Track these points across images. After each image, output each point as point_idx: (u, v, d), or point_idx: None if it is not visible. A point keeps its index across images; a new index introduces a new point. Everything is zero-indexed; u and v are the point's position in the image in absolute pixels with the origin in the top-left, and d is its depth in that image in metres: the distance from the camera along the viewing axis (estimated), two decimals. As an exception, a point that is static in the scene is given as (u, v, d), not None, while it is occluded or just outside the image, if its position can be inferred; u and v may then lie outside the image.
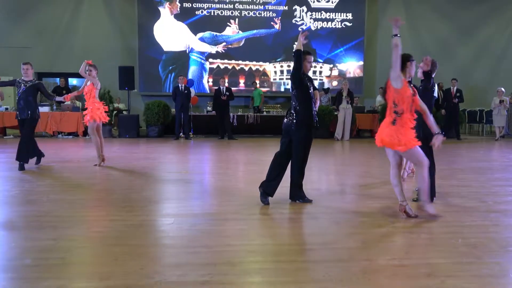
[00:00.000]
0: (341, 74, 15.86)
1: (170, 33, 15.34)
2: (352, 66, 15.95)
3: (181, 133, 12.54)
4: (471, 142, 12.31)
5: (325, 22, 15.76)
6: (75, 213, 4.43)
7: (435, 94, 5.14)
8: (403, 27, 16.70)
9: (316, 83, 15.67)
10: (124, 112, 13.91)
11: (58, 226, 3.93)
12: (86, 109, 7.36)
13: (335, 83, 15.78)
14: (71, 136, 12.38)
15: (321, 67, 15.87)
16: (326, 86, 15.03)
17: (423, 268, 3.07)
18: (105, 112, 7.47)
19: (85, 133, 12.68)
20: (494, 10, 16.29)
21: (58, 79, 13.59)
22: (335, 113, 12.82)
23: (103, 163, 7.34)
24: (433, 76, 5.06)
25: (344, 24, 15.78)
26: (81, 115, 12.54)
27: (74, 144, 11.00)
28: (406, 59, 4.24)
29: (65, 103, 12.66)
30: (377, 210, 4.63)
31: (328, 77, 15.87)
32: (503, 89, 13.40)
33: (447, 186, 5.57)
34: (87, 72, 7.32)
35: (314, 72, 15.81)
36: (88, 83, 7.35)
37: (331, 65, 15.89)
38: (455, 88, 12.98)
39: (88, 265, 3.17)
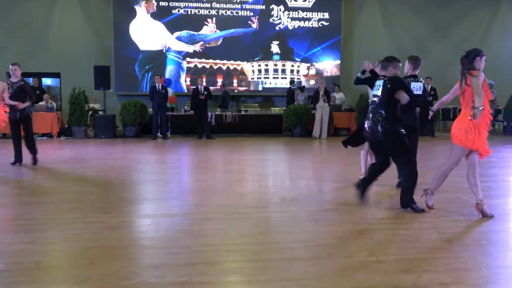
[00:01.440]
0: (318, 73, 15.97)
1: (147, 32, 15.16)
2: (329, 65, 16.08)
3: (158, 133, 12.43)
4: (445, 139, 12.56)
5: (302, 22, 15.84)
6: (49, 216, 4.34)
7: (419, 92, 5.30)
8: (378, 26, 16.86)
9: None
10: (100, 112, 13.70)
11: (32, 229, 3.85)
12: None
13: (312, 82, 15.88)
14: (45, 137, 12.12)
15: (298, 66, 15.95)
16: (303, 85, 15.11)
17: (400, 263, 3.12)
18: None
19: (59, 133, 12.44)
20: (468, 9, 16.65)
21: (32, 79, 13.29)
22: (313, 111, 12.90)
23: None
24: (416, 72, 5.28)
25: (321, 24, 15.89)
26: (55, 116, 12.31)
27: (49, 145, 10.77)
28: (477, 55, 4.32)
29: (39, 103, 12.40)
30: (354, 208, 4.68)
31: (305, 76, 15.96)
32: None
33: (422, 183, 5.64)
34: None
35: (292, 71, 15.89)
36: None
37: (309, 64, 15.99)
38: (429, 86, 13.22)
39: (64, 269, 3.11)
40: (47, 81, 15.35)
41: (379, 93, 4.53)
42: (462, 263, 3.12)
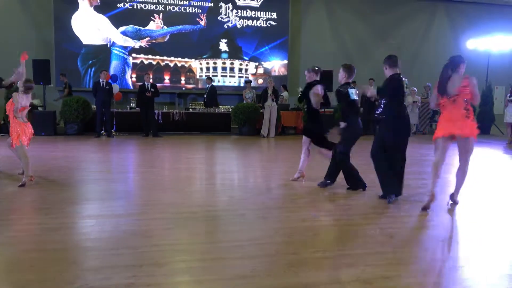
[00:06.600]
0: (267, 72, 16.12)
1: (90, 26, 14.63)
2: (277, 64, 16.27)
3: (102, 131, 12.04)
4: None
5: (250, 20, 15.91)
6: (-16, 218, 4.09)
7: (355, 97, 5.51)
8: (325, 28, 17.17)
9: (241, 81, 15.82)
10: (40, 109, 13.06)
11: (-36, 233, 3.61)
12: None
13: (260, 81, 16.00)
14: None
15: (247, 65, 16.01)
16: (249, 79, 15.16)
17: (344, 258, 3.22)
18: None
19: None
20: (407, 16, 17.45)
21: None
22: (261, 110, 13.01)
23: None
24: (350, 80, 5.53)
25: (269, 23, 16.04)
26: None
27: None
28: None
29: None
30: (301, 205, 4.78)
31: (253, 75, 16.05)
32: (415, 89, 14.44)
33: (365, 181, 5.87)
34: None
35: (240, 70, 15.93)
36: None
37: (257, 63, 16.09)
38: (372, 87, 13.72)
39: (2, 273, 2.94)
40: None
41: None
42: (402, 257, 3.27)
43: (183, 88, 15.62)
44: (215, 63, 15.77)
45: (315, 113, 5.88)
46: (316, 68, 5.96)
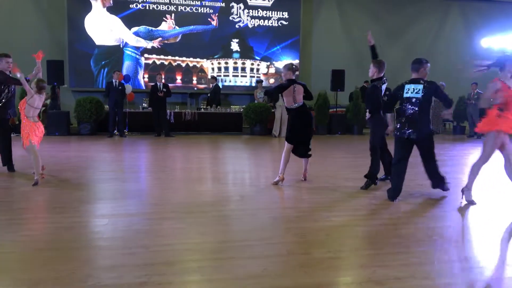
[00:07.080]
0: (278, 72, 16.09)
1: (103, 27, 14.76)
2: (288, 64, 16.24)
3: (115, 131, 12.14)
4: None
5: (262, 20, 15.91)
6: (-1, 217, 4.15)
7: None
8: (336, 27, 17.09)
9: (253, 81, 15.82)
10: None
11: (-21, 231, 3.66)
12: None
13: (272, 80, 15.98)
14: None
15: (258, 65, 16.01)
16: (261, 79, 15.14)
17: (356, 259, 3.20)
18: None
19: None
20: (419, 15, 17.28)
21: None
22: (272, 110, 13.00)
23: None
24: (381, 75, 5.65)
25: (281, 23, 16.02)
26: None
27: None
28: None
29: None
30: (313, 205, 4.77)
31: (265, 74, 16.05)
32: (428, 88, 14.28)
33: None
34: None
35: (252, 70, 15.93)
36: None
37: (268, 63, 16.08)
38: (385, 85, 13.61)
39: (15, 272, 2.98)
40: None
41: (418, 96, 4.89)
42: (415, 258, 3.23)
43: (195, 88, 15.67)
44: (226, 63, 15.80)
45: (289, 110, 5.94)
46: (294, 67, 6.00)
